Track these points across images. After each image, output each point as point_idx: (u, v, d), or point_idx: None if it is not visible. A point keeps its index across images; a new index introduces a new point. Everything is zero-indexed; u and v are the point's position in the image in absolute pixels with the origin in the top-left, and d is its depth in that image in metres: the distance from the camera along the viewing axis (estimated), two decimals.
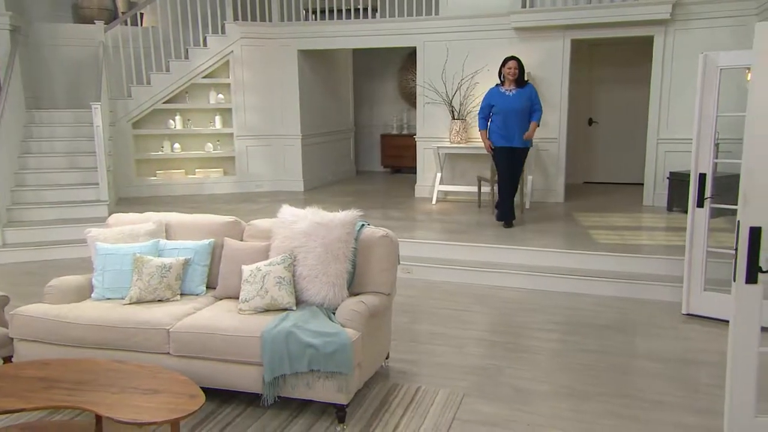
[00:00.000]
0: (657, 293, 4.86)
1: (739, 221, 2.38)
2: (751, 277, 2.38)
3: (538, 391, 3.30)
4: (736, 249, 2.40)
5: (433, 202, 7.83)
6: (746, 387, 2.48)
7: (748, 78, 6.05)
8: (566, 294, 5.00)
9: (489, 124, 6.20)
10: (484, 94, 6.34)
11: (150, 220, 3.65)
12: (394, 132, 11.17)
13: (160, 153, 8.84)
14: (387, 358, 3.58)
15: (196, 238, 3.56)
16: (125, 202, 8.13)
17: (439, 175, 7.96)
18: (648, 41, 7.31)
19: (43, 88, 8.56)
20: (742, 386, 2.48)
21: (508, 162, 6.11)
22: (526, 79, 6.33)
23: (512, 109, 6.01)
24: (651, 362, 3.69)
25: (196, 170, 9.05)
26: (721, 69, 3.96)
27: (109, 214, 5.75)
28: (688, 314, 4.43)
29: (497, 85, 6.22)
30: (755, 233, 2.35)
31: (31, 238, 6.57)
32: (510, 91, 6.07)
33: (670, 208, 7.04)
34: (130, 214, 3.81)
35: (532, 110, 6.10)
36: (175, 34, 8.72)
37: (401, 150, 10.81)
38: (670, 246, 5.43)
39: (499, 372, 3.55)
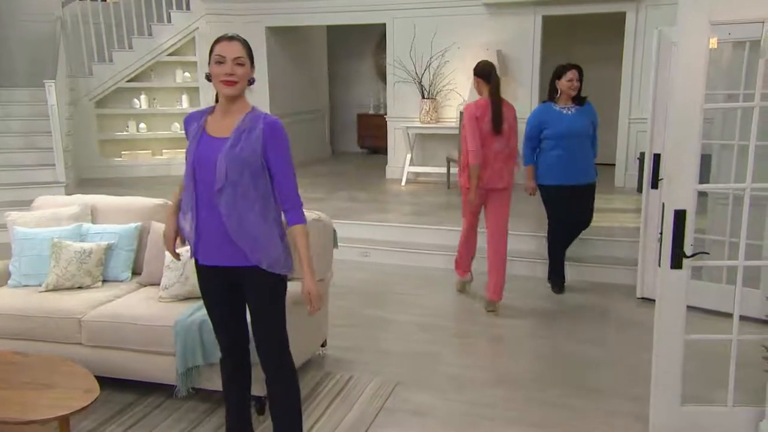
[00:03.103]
0: (615, 276, 4.78)
1: (663, 204, 2.27)
2: (676, 262, 2.28)
3: (472, 379, 3.20)
4: (661, 233, 2.29)
5: (403, 183, 7.69)
6: (672, 375, 2.39)
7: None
8: (524, 278, 4.90)
9: (538, 157, 4.48)
10: (530, 115, 4.53)
11: (75, 203, 3.49)
12: (371, 112, 10.96)
13: (124, 133, 8.63)
14: (323, 346, 3.46)
15: (123, 221, 3.41)
16: (88, 183, 7.92)
17: (408, 155, 7.81)
18: (622, 18, 7.14)
19: (0, 65, 8.29)
20: (668, 374, 2.39)
21: (568, 206, 4.41)
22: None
23: (576, 133, 4.31)
24: (597, 348, 3.61)
25: (163, 151, 8.85)
26: (675, 44, 3.81)
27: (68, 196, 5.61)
28: (642, 298, 4.35)
29: (547, 101, 4.47)
30: (680, 216, 2.23)
31: None
32: (568, 109, 4.36)
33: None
34: (58, 196, 3.66)
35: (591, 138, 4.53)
36: (138, 10, 8.45)
37: (378, 130, 10.56)
38: (632, 228, 5.34)
39: (437, 359, 3.46)
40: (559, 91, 4.35)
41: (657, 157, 4.14)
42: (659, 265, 2.31)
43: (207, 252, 2.19)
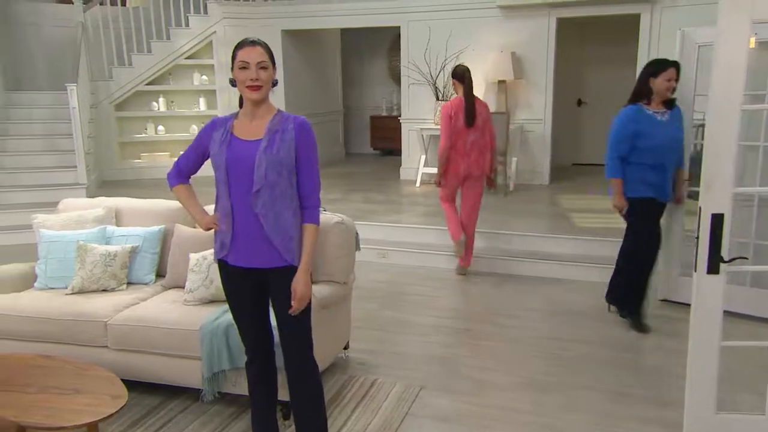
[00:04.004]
0: None
1: (700, 207, 2.23)
2: (713, 267, 2.23)
3: (498, 383, 3.17)
4: (698, 237, 2.25)
5: (417, 185, 7.67)
6: (707, 383, 2.34)
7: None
8: (544, 279, 4.86)
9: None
10: (619, 121, 3.69)
11: (100, 205, 3.50)
12: (384, 113, 10.96)
13: (143, 135, 8.71)
14: (346, 348, 3.45)
15: (147, 224, 3.42)
16: (109, 185, 8.01)
17: (423, 157, 7.79)
18: (636, 19, 7.07)
19: (24, 70, 8.39)
20: (703, 382, 2.34)
21: (655, 222, 3.84)
22: None
23: (672, 143, 3.67)
24: (621, 351, 3.55)
25: (181, 152, 8.86)
26: (699, 46, 3.77)
27: (89, 197, 5.65)
28: (663, 300, 4.29)
29: (636, 103, 3.68)
30: (717, 220, 2.19)
31: (6, 222, 6.43)
32: (662, 114, 3.65)
33: None
34: (82, 198, 3.67)
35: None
36: (156, 14, 8.52)
37: (391, 132, 10.56)
38: None
39: (461, 362, 3.43)
40: (653, 92, 3.62)
41: None
42: (695, 270, 2.27)
43: (240, 254, 2.20)
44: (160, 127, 8.75)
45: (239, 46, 2.17)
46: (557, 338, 3.75)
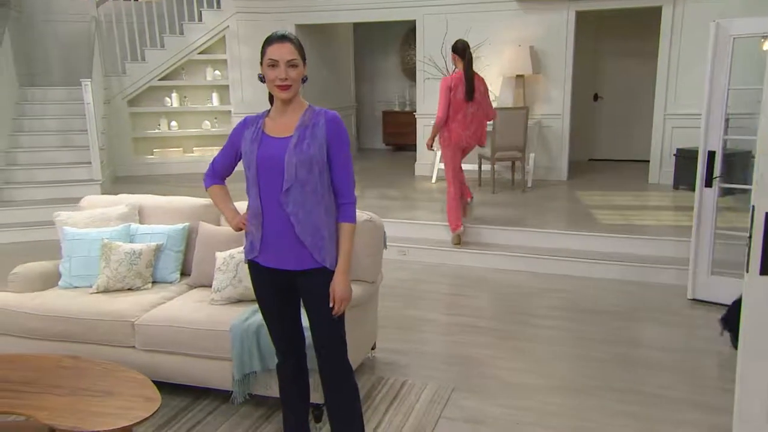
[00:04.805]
0: (662, 276, 4.63)
1: (753, 206, 2.14)
2: (766, 269, 2.15)
3: (530, 385, 3.10)
4: (750, 237, 2.16)
5: (433, 180, 7.59)
6: (759, 390, 2.25)
7: (765, 47, 5.71)
8: (567, 277, 4.78)
9: None
10: None
11: (123, 202, 3.44)
12: (396, 109, 10.88)
13: (156, 131, 8.67)
14: (373, 349, 3.38)
15: (170, 221, 3.36)
16: (122, 180, 7.98)
17: (438, 153, 7.69)
18: (656, 12, 6.95)
19: (38, 65, 8.37)
20: (755, 389, 2.26)
21: None
22: None
23: None
24: (653, 351, 3.47)
25: (194, 148, 8.86)
26: (734, 38, 3.67)
27: (103, 194, 5.60)
28: (693, 299, 4.21)
29: None
30: None
31: (21, 219, 6.42)
32: None
33: (676, 186, 6.77)
34: (104, 196, 3.62)
35: None
36: (170, 9, 8.47)
37: (403, 127, 10.50)
38: (676, 226, 5.18)
39: (491, 363, 3.35)
40: None
41: (711, 155, 3.98)
42: (746, 271, 2.18)
43: (271, 255, 2.13)
44: (173, 123, 8.71)
45: (268, 42, 2.08)
46: (583, 338, 3.67)
